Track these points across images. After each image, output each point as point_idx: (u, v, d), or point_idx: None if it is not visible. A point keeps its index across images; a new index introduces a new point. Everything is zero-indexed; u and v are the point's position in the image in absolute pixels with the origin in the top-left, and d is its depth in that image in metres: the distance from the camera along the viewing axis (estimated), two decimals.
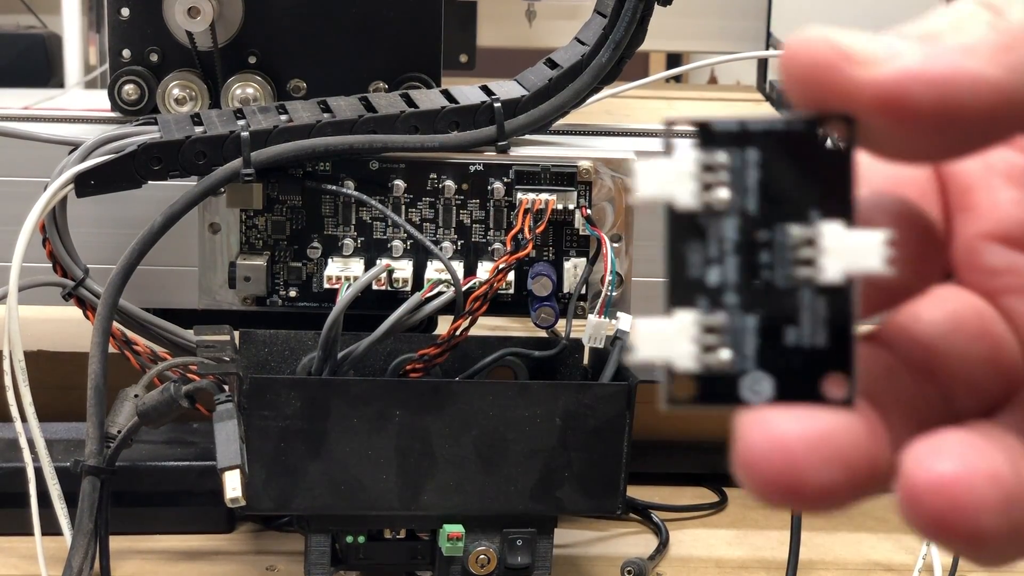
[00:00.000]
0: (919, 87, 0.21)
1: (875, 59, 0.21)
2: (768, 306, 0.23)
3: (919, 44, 0.21)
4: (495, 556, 0.62)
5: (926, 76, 0.21)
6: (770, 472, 0.21)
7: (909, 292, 0.24)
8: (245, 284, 0.65)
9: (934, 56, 0.21)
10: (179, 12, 0.67)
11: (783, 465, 0.21)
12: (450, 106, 0.64)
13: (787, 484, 0.21)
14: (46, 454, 0.59)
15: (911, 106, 0.21)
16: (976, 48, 0.21)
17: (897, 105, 0.21)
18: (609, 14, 0.65)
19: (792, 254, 0.22)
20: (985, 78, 0.21)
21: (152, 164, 0.61)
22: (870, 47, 0.21)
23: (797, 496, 0.21)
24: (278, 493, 0.61)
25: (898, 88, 0.21)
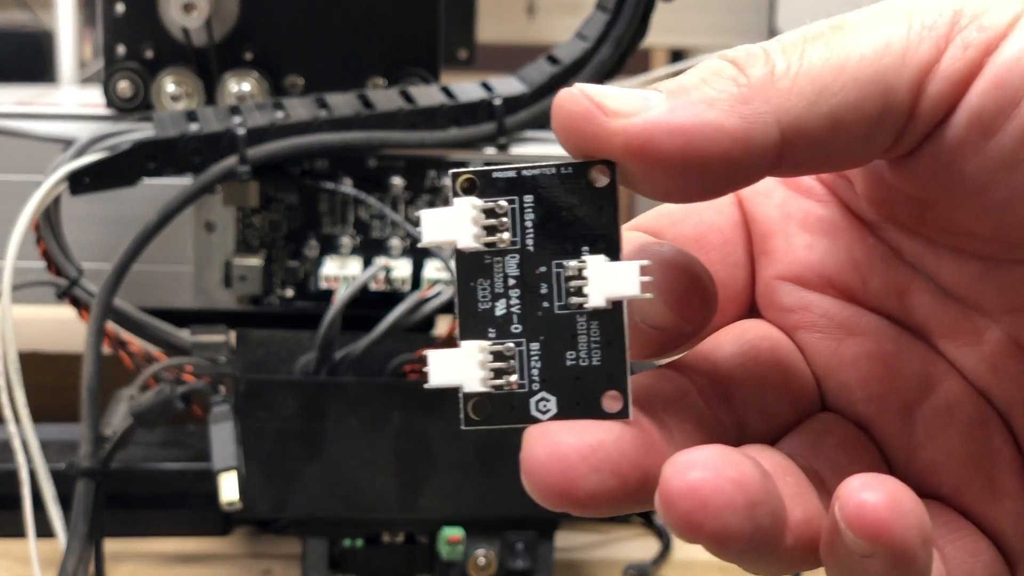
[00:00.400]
0: (663, 135, 0.23)
1: (626, 111, 0.24)
2: (549, 333, 0.25)
3: (667, 97, 0.24)
4: (495, 560, 0.62)
5: (670, 126, 0.23)
6: (548, 478, 0.24)
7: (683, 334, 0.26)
8: (241, 283, 0.64)
9: (678, 107, 0.23)
10: (174, 8, 0.66)
11: (558, 472, 0.24)
12: (449, 103, 0.64)
13: (562, 489, 0.24)
14: (40, 456, 0.59)
15: (656, 152, 0.23)
16: (717, 100, 0.23)
17: (643, 151, 0.24)
18: (611, 9, 0.65)
19: (566, 285, 0.25)
20: (722, 127, 0.23)
21: (147, 162, 0.61)
22: (623, 100, 0.24)
23: (571, 500, 0.24)
24: (275, 496, 0.60)
25: (644, 136, 0.23)
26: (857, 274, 0.27)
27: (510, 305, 0.25)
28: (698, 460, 0.23)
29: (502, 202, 0.25)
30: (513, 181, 0.25)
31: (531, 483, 0.24)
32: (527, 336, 0.25)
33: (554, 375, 0.25)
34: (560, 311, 0.25)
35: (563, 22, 1.10)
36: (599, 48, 0.65)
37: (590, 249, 0.25)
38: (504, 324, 0.25)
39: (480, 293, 0.25)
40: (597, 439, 0.24)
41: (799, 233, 0.28)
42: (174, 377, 0.61)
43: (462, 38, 1.02)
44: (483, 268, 0.25)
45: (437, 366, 0.25)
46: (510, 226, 0.25)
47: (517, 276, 0.25)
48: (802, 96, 0.24)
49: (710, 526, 0.23)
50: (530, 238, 0.25)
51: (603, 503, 0.24)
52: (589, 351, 0.25)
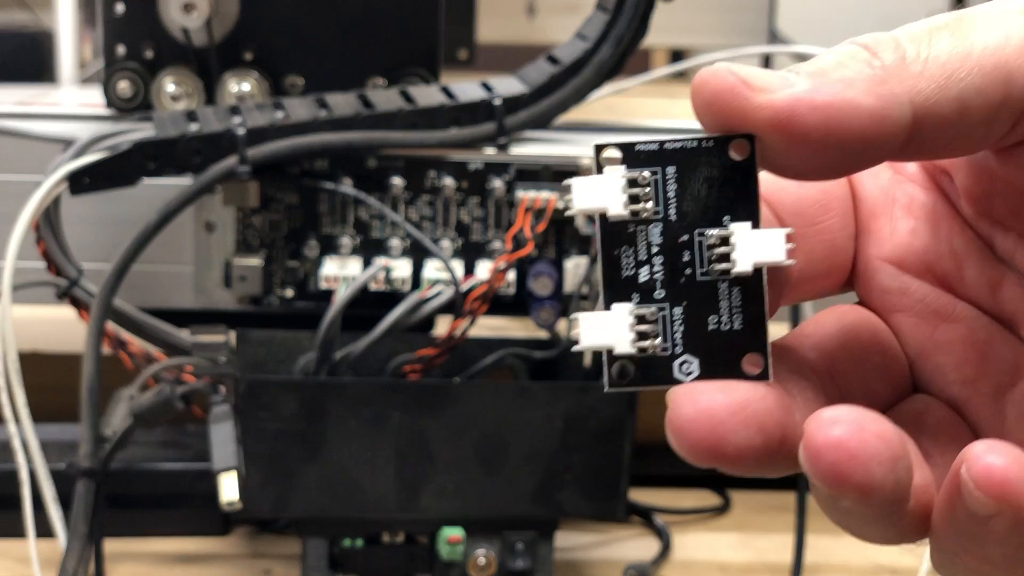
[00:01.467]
0: (806, 110, 0.25)
1: (771, 87, 0.25)
2: (692, 298, 0.26)
3: (808, 77, 0.25)
4: (495, 560, 0.62)
5: (813, 102, 0.25)
6: (697, 435, 0.25)
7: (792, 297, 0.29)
8: (241, 284, 0.64)
9: (820, 86, 0.25)
10: (174, 8, 0.66)
11: (708, 429, 0.25)
12: (449, 103, 0.64)
13: (712, 445, 0.25)
14: (40, 456, 0.59)
15: (800, 126, 0.25)
16: (855, 81, 0.25)
17: (788, 125, 0.25)
18: (611, 9, 0.65)
19: (709, 253, 0.26)
20: (861, 105, 0.25)
21: (147, 162, 0.60)
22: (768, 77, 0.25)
23: (720, 455, 0.25)
24: (275, 496, 0.60)
25: (789, 111, 0.25)
26: (955, 263, 0.29)
27: (653, 272, 0.26)
28: (842, 416, 0.24)
29: (645, 173, 0.26)
30: (656, 153, 0.26)
31: (680, 440, 0.25)
32: (670, 301, 0.26)
33: (696, 339, 0.26)
34: (702, 277, 0.26)
35: (563, 22, 1.10)
36: (599, 48, 0.65)
37: (731, 218, 0.26)
38: (648, 290, 0.26)
39: (624, 260, 0.27)
40: (744, 397, 0.26)
41: (904, 217, 0.29)
42: (174, 377, 0.61)
43: (462, 38, 1.02)
44: (627, 236, 0.26)
45: (588, 328, 0.26)
46: (653, 196, 0.26)
47: (660, 244, 0.26)
48: (932, 80, 0.25)
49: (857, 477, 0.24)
50: (672, 208, 0.26)
51: (749, 459, 0.25)
52: (731, 315, 0.26)
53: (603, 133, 0.70)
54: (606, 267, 0.27)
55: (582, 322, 0.26)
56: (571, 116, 0.67)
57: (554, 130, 0.67)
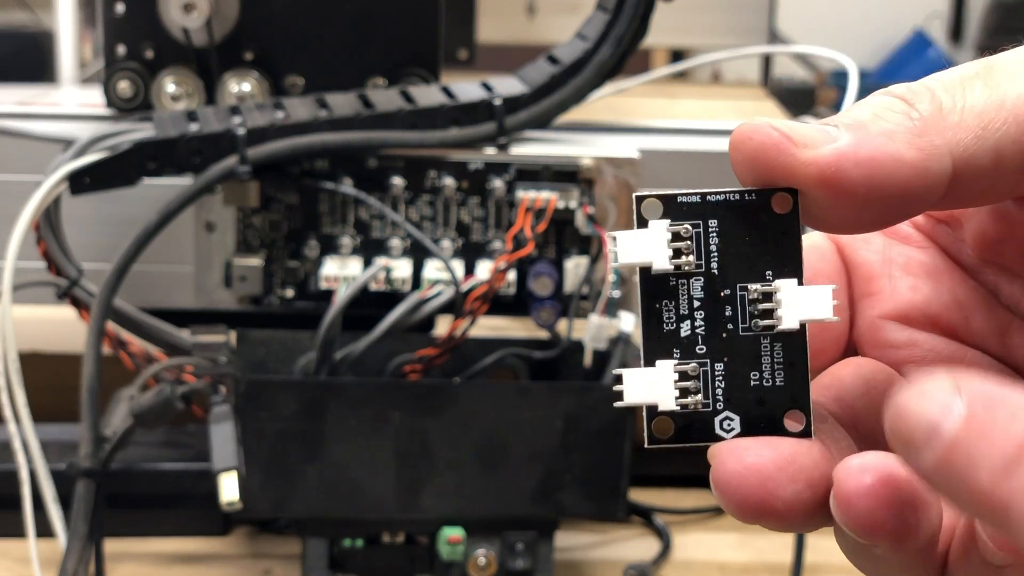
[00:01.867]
0: (851, 165, 0.25)
1: (815, 142, 0.25)
2: (733, 354, 0.26)
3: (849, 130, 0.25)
4: (495, 560, 0.62)
5: (857, 156, 0.25)
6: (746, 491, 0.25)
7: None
8: (241, 284, 0.64)
9: (862, 140, 0.25)
10: (174, 8, 0.66)
11: (757, 485, 0.25)
12: (449, 103, 0.64)
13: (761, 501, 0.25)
14: (40, 456, 0.59)
15: (846, 181, 0.25)
16: (895, 133, 0.25)
17: (835, 180, 0.25)
18: (611, 9, 0.65)
19: (752, 308, 0.26)
20: (903, 159, 0.25)
21: (147, 162, 0.60)
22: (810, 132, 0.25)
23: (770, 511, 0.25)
24: (275, 496, 0.60)
25: (835, 166, 0.25)
26: (961, 313, 0.29)
27: (695, 326, 0.26)
28: (871, 463, 0.24)
29: (687, 226, 0.26)
30: (698, 205, 0.26)
31: (728, 497, 0.25)
32: (711, 357, 0.26)
33: (738, 395, 0.26)
34: (744, 333, 0.26)
35: (563, 22, 1.10)
36: (599, 48, 0.65)
37: (774, 273, 0.26)
38: (689, 345, 0.26)
39: (665, 314, 0.26)
40: (791, 451, 0.26)
41: (902, 276, 0.29)
42: (174, 377, 0.61)
43: (462, 38, 1.02)
44: (668, 290, 0.26)
45: (632, 385, 0.26)
46: (695, 249, 0.26)
47: (701, 298, 0.26)
48: (969, 130, 0.25)
49: (891, 524, 0.24)
50: (714, 261, 0.26)
51: (799, 513, 0.25)
52: (772, 372, 0.26)
53: (603, 133, 0.70)
54: (647, 320, 0.26)
55: (626, 378, 0.26)
56: (571, 116, 0.67)
57: (554, 130, 0.67)
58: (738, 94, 1.14)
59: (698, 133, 0.72)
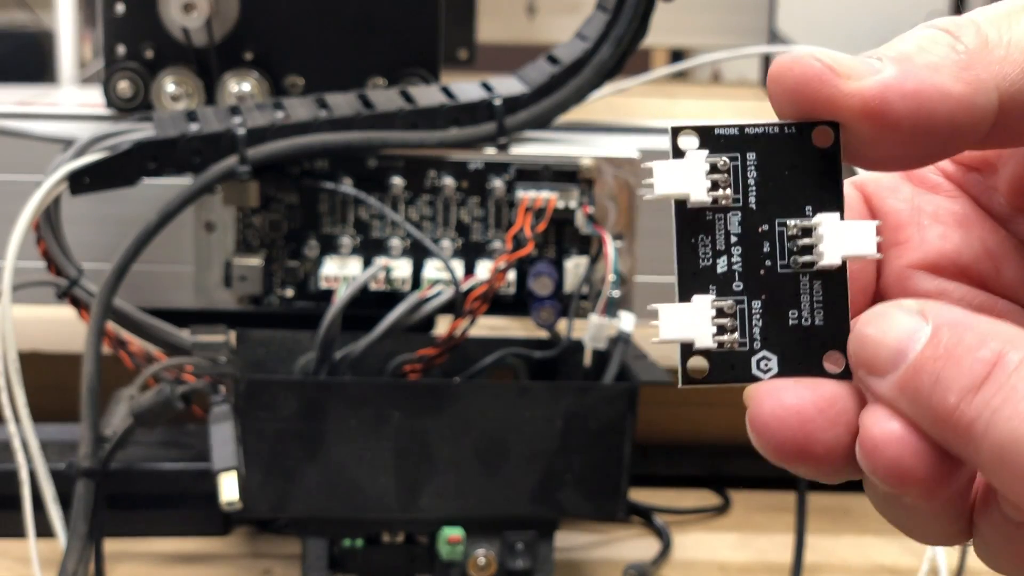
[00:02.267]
0: (897, 98, 0.24)
1: (859, 73, 0.24)
2: (771, 291, 0.25)
3: (893, 63, 0.24)
4: (495, 560, 0.62)
5: (903, 88, 0.24)
6: (786, 434, 0.24)
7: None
8: (241, 283, 0.64)
9: (908, 72, 0.24)
10: (174, 8, 0.66)
11: (797, 427, 0.24)
12: (449, 103, 0.64)
13: (800, 444, 0.24)
14: (40, 456, 0.59)
15: (891, 114, 0.24)
16: (940, 66, 0.24)
17: (879, 112, 0.24)
18: (611, 9, 0.65)
19: (791, 244, 0.25)
20: (950, 92, 0.24)
21: (147, 162, 0.60)
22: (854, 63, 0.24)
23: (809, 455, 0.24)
24: (275, 496, 0.60)
25: (880, 98, 0.24)
26: (991, 263, 0.28)
27: (731, 262, 0.25)
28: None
29: (725, 158, 0.25)
30: (735, 138, 0.25)
31: (766, 439, 0.24)
32: (748, 294, 0.25)
33: (775, 334, 0.25)
34: (783, 270, 0.25)
35: (563, 22, 1.10)
36: (599, 48, 0.65)
37: (814, 208, 0.25)
38: (726, 282, 0.25)
39: (701, 250, 0.25)
40: (832, 394, 0.25)
41: (932, 224, 0.28)
42: (174, 377, 0.61)
43: (462, 38, 1.02)
44: (704, 224, 0.25)
45: (668, 320, 0.25)
46: (732, 183, 0.25)
47: (739, 233, 0.25)
48: (1016, 64, 0.24)
49: (920, 472, 0.23)
50: (752, 196, 0.25)
51: (838, 459, 0.24)
52: (812, 310, 0.25)
53: (603, 133, 0.70)
54: (682, 256, 0.25)
55: (662, 313, 0.25)
56: (571, 116, 0.67)
57: (554, 130, 0.67)
58: (738, 94, 1.14)
59: None
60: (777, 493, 0.75)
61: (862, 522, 0.73)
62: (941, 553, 0.66)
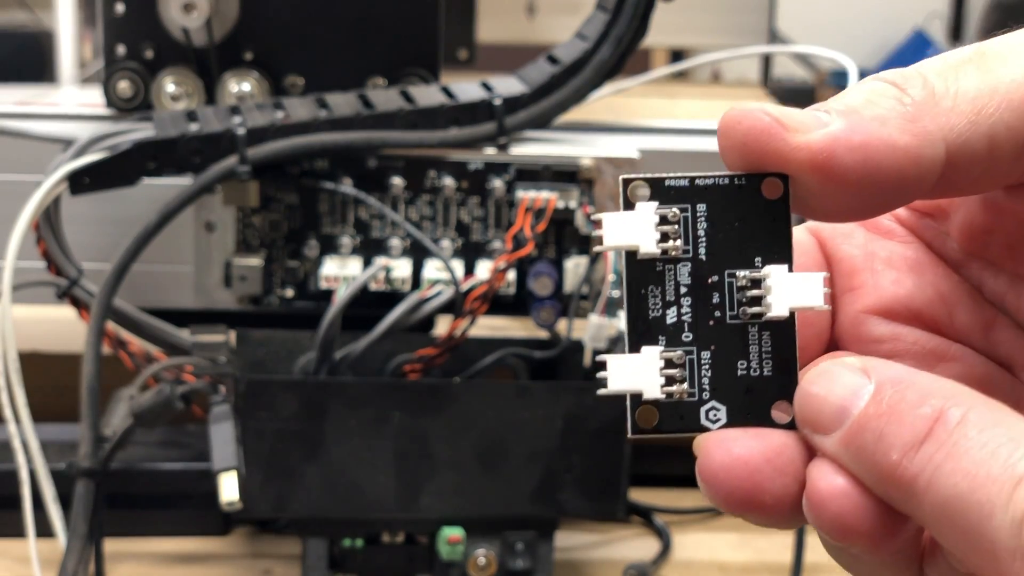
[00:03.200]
0: (844, 151, 0.24)
1: (806, 127, 0.25)
2: (720, 342, 0.26)
3: (840, 116, 0.25)
4: (495, 560, 0.62)
5: (850, 142, 0.24)
6: (734, 484, 0.25)
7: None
8: (241, 283, 0.64)
9: (855, 125, 0.24)
10: (174, 8, 0.66)
11: (745, 477, 0.25)
12: (449, 103, 0.64)
13: (748, 494, 0.25)
14: (40, 456, 0.59)
15: (838, 167, 0.24)
16: (887, 118, 0.25)
17: (827, 166, 0.24)
18: (611, 9, 0.65)
19: (740, 295, 0.26)
20: (896, 144, 0.24)
21: (147, 162, 0.61)
22: (802, 117, 0.25)
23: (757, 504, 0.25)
24: (275, 496, 0.60)
25: (827, 151, 0.24)
26: (944, 308, 0.28)
27: (681, 313, 0.26)
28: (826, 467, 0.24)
29: (675, 210, 0.26)
30: (686, 190, 0.26)
31: (714, 489, 0.25)
32: (698, 345, 0.26)
33: (724, 384, 0.26)
34: (732, 320, 0.26)
35: (563, 22, 1.10)
36: (599, 48, 0.65)
37: (763, 260, 0.26)
38: (675, 332, 0.26)
39: (651, 300, 0.26)
40: (780, 444, 0.25)
41: (885, 270, 0.28)
42: (174, 377, 0.61)
43: (462, 38, 1.02)
44: (655, 275, 0.26)
45: (616, 372, 0.25)
46: (682, 234, 0.26)
47: (688, 284, 0.26)
48: (962, 116, 0.25)
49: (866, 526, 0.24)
50: (702, 246, 0.26)
51: (786, 508, 0.25)
52: (760, 361, 0.26)
53: (603, 133, 0.70)
54: (632, 306, 0.26)
55: (611, 365, 0.25)
56: (571, 116, 0.67)
57: (554, 130, 0.67)
58: (738, 94, 1.14)
59: (698, 133, 0.72)
60: None
61: None
62: None
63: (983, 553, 0.22)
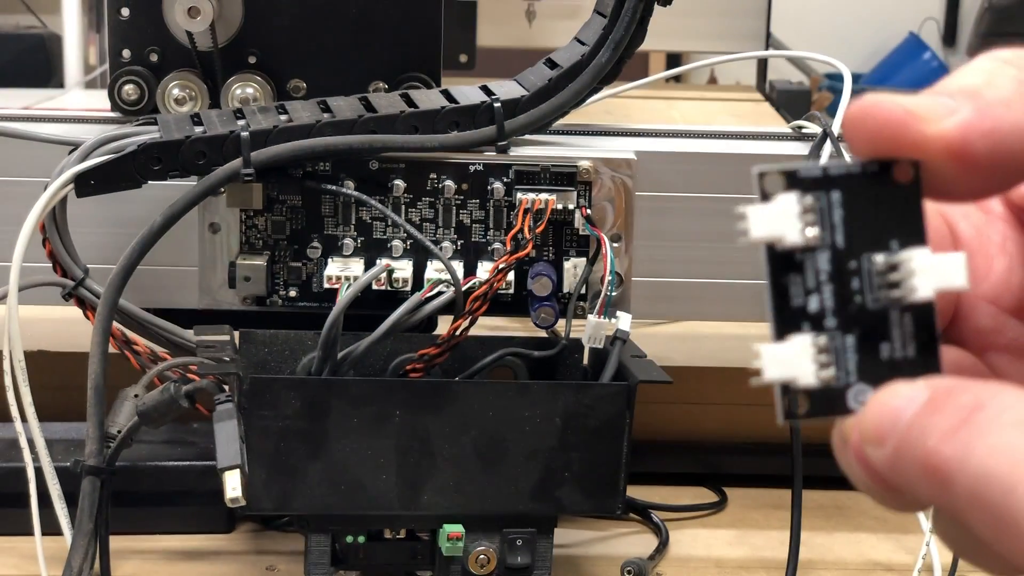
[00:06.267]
0: (977, 137, 0.25)
1: (937, 115, 0.25)
2: (863, 326, 0.26)
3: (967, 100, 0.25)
4: (495, 556, 0.62)
5: (982, 128, 0.25)
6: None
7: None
8: (245, 284, 0.65)
9: (983, 111, 0.25)
10: (179, 12, 0.67)
11: None
12: (450, 106, 0.64)
13: None
14: (46, 454, 0.59)
15: (972, 153, 0.25)
16: (1011, 101, 0.25)
17: (961, 153, 0.25)
18: (609, 14, 0.65)
19: (880, 279, 0.26)
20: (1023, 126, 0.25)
21: (152, 164, 0.61)
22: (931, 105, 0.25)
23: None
24: (278, 493, 0.61)
25: (962, 139, 0.25)
26: None
27: (823, 300, 0.26)
28: None
29: (810, 199, 0.26)
30: (820, 180, 0.26)
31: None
32: (842, 330, 0.26)
33: (870, 367, 0.26)
34: (873, 305, 0.26)
35: (562, 27, 1.10)
36: (597, 52, 0.66)
37: (900, 243, 0.26)
38: (818, 319, 0.26)
39: (793, 289, 0.26)
40: None
41: (998, 255, 0.29)
42: (179, 376, 0.61)
43: (463, 43, 1.03)
44: (794, 264, 0.26)
45: (771, 361, 0.26)
46: (819, 222, 0.26)
47: (828, 271, 0.26)
48: None
49: None
50: (839, 234, 0.26)
51: None
52: (904, 343, 0.26)
53: (601, 136, 0.71)
54: (776, 296, 0.26)
55: (764, 355, 0.26)
56: (570, 119, 0.68)
57: (553, 133, 0.68)
58: (734, 97, 1.15)
59: (694, 136, 0.73)
60: (773, 490, 0.75)
61: (857, 519, 0.73)
62: (935, 550, 0.67)
63: (1010, 531, 0.22)
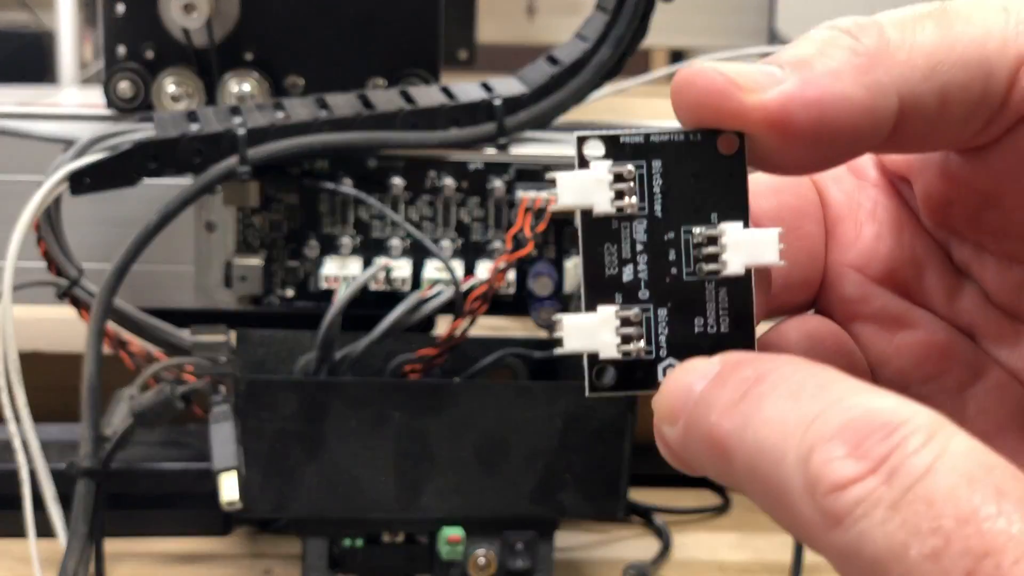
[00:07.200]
0: (799, 108, 0.24)
1: (760, 85, 0.24)
2: (677, 299, 0.25)
3: (793, 70, 0.24)
4: (495, 560, 0.62)
5: (804, 98, 0.24)
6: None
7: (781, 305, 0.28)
8: (241, 283, 0.64)
9: (809, 81, 0.24)
10: (175, 8, 0.67)
11: None
12: (449, 103, 0.64)
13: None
14: (40, 456, 0.59)
15: (793, 124, 0.24)
16: (840, 71, 0.24)
17: (782, 124, 0.24)
18: (611, 10, 0.65)
19: (696, 251, 0.25)
20: (851, 98, 0.24)
21: (147, 162, 0.61)
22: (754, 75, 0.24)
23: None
24: (275, 495, 0.60)
25: (781, 110, 0.24)
26: (915, 270, 0.28)
27: (637, 271, 0.25)
28: None
29: (630, 167, 0.25)
30: (641, 147, 0.25)
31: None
32: (654, 302, 0.25)
33: (681, 342, 0.25)
34: (688, 277, 0.25)
35: (563, 23, 1.10)
36: (599, 49, 0.65)
37: (719, 216, 0.25)
38: (631, 290, 0.25)
39: (607, 259, 0.25)
40: None
41: (868, 222, 0.28)
42: (174, 377, 0.61)
43: (462, 38, 1.02)
44: (610, 233, 0.25)
45: (571, 331, 0.25)
46: (637, 191, 0.25)
47: (644, 242, 0.25)
48: (917, 69, 0.24)
49: None
50: (658, 204, 0.25)
51: None
52: (717, 318, 0.25)
53: None
54: (588, 265, 0.25)
55: (565, 324, 0.25)
56: (571, 116, 0.67)
57: (554, 130, 0.67)
58: None
59: None
60: None
61: None
62: None
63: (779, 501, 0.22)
